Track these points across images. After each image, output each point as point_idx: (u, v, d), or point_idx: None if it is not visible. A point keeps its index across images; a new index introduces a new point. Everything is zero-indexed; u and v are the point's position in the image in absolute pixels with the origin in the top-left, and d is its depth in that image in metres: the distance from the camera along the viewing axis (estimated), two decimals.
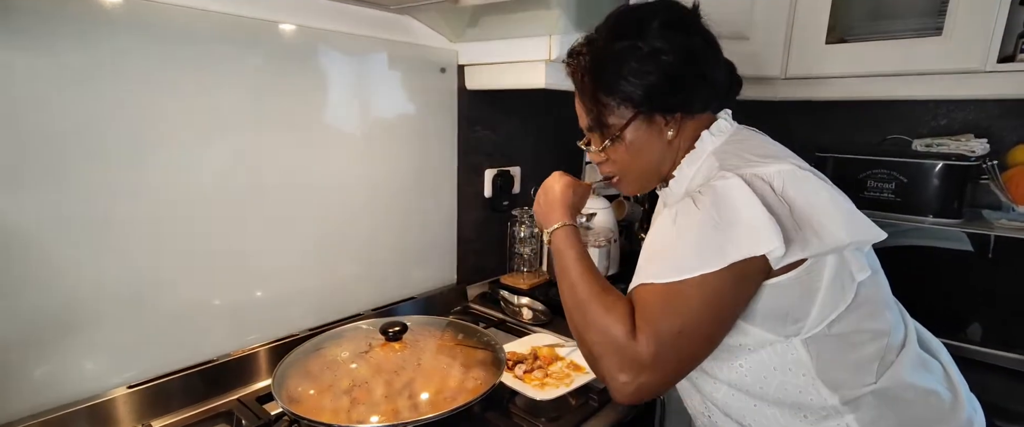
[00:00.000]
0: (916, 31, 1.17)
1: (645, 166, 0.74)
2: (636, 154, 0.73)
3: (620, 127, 0.71)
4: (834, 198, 0.62)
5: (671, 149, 0.73)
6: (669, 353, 0.61)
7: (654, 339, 0.61)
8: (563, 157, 1.60)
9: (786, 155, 0.67)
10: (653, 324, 0.62)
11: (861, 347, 0.65)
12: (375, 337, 0.83)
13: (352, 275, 1.10)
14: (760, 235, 0.58)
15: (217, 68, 0.84)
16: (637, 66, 0.68)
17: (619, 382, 0.62)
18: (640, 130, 0.71)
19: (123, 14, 0.74)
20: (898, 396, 0.65)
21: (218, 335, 0.91)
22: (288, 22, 0.92)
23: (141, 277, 0.81)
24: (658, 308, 0.62)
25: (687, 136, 0.72)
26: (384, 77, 1.08)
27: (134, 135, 0.77)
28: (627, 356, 0.62)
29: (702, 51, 0.70)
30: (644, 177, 0.76)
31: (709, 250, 0.59)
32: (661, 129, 0.71)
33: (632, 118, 0.71)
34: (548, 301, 1.25)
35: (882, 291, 0.69)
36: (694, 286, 0.60)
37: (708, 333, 0.63)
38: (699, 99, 0.71)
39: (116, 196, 0.77)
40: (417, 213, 1.21)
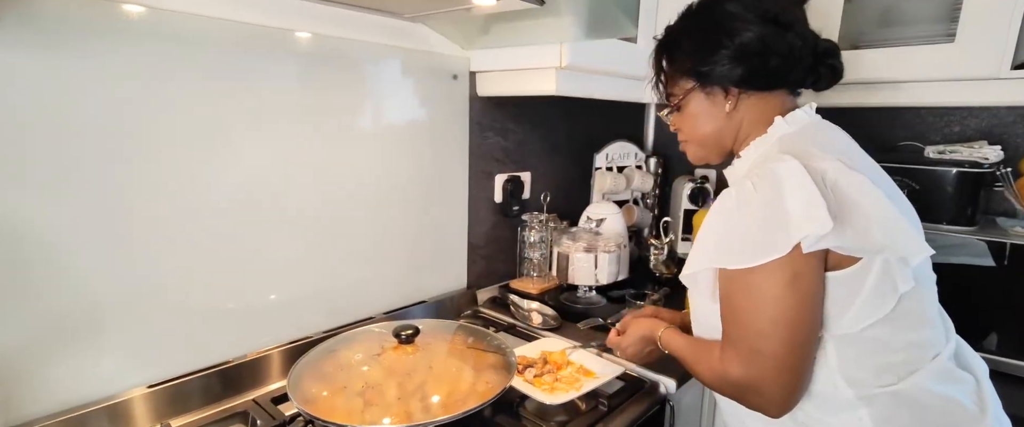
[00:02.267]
0: (928, 38, 1.17)
1: (704, 137, 0.77)
2: (696, 124, 0.77)
3: (680, 97, 0.76)
4: (882, 203, 0.62)
5: (731, 123, 0.74)
6: (761, 361, 0.62)
7: (740, 355, 0.64)
8: (574, 163, 1.61)
9: (854, 157, 0.67)
10: (733, 344, 0.65)
11: (889, 354, 0.65)
12: (387, 340, 0.84)
13: (364, 278, 1.12)
14: (819, 214, 0.58)
15: (233, 75, 0.86)
16: (696, 40, 0.73)
17: (755, 407, 0.66)
18: (699, 101, 0.75)
19: (143, 22, 0.76)
20: (916, 399, 0.65)
21: (234, 337, 0.93)
22: (303, 30, 0.94)
23: (158, 279, 0.83)
24: (730, 318, 0.65)
25: (752, 114, 0.73)
26: (397, 84, 1.10)
27: (151, 140, 0.79)
28: (730, 386, 0.66)
29: (765, 30, 0.69)
30: (705, 148, 0.79)
31: (775, 233, 0.60)
32: (720, 102, 0.73)
33: (691, 89, 0.75)
34: (557, 306, 1.25)
35: (925, 307, 0.68)
36: (765, 277, 0.61)
37: (793, 318, 0.61)
38: (757, 77, 0.71)
39: (132, 199, 0.79)
40: (429, 218, 1.22)
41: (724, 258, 0.65)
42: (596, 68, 1.14)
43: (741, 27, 0.70)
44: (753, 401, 0.66)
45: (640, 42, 1.24)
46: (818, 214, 0.58)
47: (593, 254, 1.26)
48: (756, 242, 0.61)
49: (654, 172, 1.78)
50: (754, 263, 0.61)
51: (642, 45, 1.25)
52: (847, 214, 0.60)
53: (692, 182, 1.61)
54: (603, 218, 1.36)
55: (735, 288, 0.65)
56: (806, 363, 0.65)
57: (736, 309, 0.65)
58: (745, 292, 0.63)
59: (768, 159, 0.66)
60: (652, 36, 1.02)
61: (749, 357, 0.64)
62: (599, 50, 1.12)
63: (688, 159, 0.84)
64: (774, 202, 0.61)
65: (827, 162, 0.63)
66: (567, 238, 1.30)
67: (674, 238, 1.62)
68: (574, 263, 1.27)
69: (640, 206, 1.78)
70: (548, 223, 1.38)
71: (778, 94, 0.73)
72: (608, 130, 1.71)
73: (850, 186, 0.61)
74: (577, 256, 1.27)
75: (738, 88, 0.72)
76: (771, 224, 0.61)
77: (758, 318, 0.62)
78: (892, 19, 1.27)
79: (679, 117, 0.79)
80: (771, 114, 0.72)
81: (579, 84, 1.15)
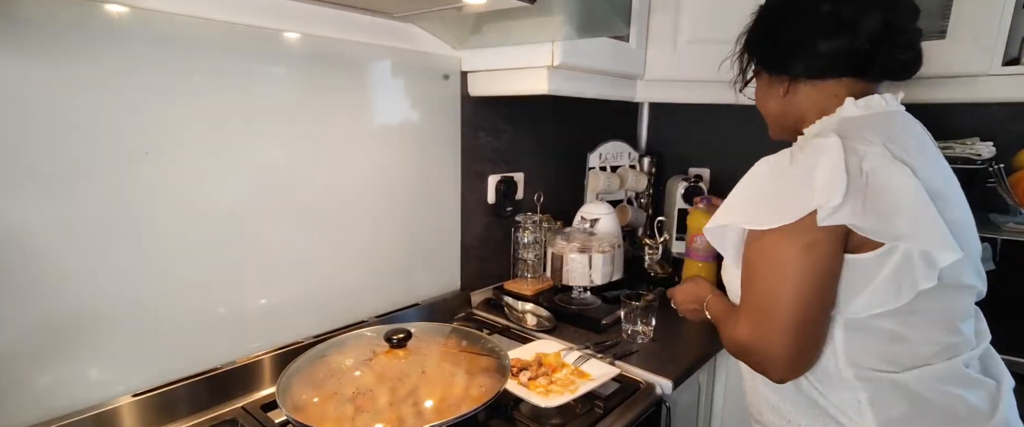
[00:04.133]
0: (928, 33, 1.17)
1: (771, 114, 0.82)
2: (762, 103, 0.82)
3: (751, 77, 0.83)
4: (916, 195, 0.61)
5: (790, 106, 0.77)
6: (767, 323, 0.64)
7: (748, 317, 0.67)
8: (567, 163, 1.60)
9: (910, 149, 0.65)
10: (745, 305, 0.68)
11: (896, 346, 0.65)
12: (379, 344, 0.82)
13: (356, 282, 1.10)
14: (836, 187, 0.60)
15: (221, 77, 0.85)
16: (759, 26, 0.79)
17: (759, 369, 0.69)
18: (763, 83, 0.81)
19: (129, 23, 0.75)
20: (917, 391, 0.65)
21: (222, 343, 0.91)
22: (292, 31, 0.92)
23: (146, 284, 0.81)
24: (746, 282, 0.68)
25: (809, 99, 0.75)
26: (387, 84, 1.09)
27: (137, 143, 0.78)
28: (739, 348, 0.69)
29: (817, 23, 0.71)
30: (774, 124, 0.84)
31: (795, 199, 0.62)
32: (777, 86, 0.77)
33: (757, 72, 0.82)
34: (552, 307, 1.25)
35: (949, 311, 0.66)
36: (780, 240, 0.63)
37: (802, 286, 0.62)
38: (809, 68, 0.73)
39: (119, 205, 0.77)
40: (421, 219, 1.21)
41: (747, 216, 0.67)
42: (588, 67, 1.14)
43: (794, 18, 0.73)
44: (757, 363, 0.68)
45: (632, 41, 1.23)
46: (835, 187, 0.59)
47: (587, 254, 1.25)
48: (778, 205, 0.63)
49: (648, 171, 1.77)
50: (772, 225, 0.63)
51: (634, 44, 1.24)
52: (874, 198, 0.60)
53: (686, 181, 1.61)
54: (597, 218, 1.36)
55: (754, 251, 0.67)
56: (813, 334, 0.65)
57: (752, 272, 0.67)
58: (761, 254, 0.66)
59: (816, 135, 0.68)
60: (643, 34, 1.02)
61: (757, 318, 0.66)
62: (591, 49, 1.11)
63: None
64: (805, 172, 0.62)
65: (872, 147, 0.63)
66: (561, 239, 1.29)
67: (668, 238, 1.61)
68: (568, 264, 1.26)
69: (634, 206, 1.77)
70: (542, 224, 1.37)
71: (842, 81, 0.73)
72: (601, 129, 1.70)
73: (886, 173, 0.61)
74: (571, 257, 1.26)
75: (789, 77, 0.75)
76: (796, 191, 0.62)
77: (769, 281, 0.64)
78: None
79: (756, 92, 0.84)
80: (833, 99, 0.73)
81: (572, 83, 1.14)
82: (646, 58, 1.29)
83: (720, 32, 1.27)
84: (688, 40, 1.28)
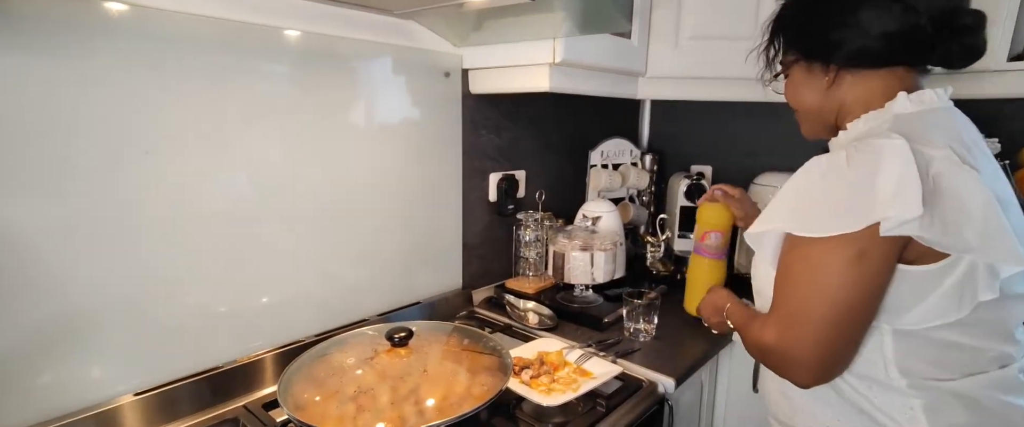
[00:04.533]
0: None
1: (806, 110, 0.76)
2: (796, 96, 0.76)
3: (786, 68, 0.76)
4: (987, 204, 0.56)
5: (832, 99, 0.72)
6: (798, 331, 0.61)
7: (778, 321, 0.63)
8: (568, 161, 1.60)
9: (974, 153, 0.61)
10: (776, 309, 0.64)
11: (951, 353, 0.62)
12: (380, 343, 0.82)
13: (357, 280, 1.10)
14: (910, 197, 0.54)
15: (222, 74, 0.84)
16: (802, 10, 0.73)
17: (784, 375, 0.65)
18: (801, 74, 0.74)
19: (124, 21, 0.74)
20: (975, 399, 0.62)
21: (224, 341, 0.91)
22: (292, 28, 0.92)
23: (146, 283, 0.81)
24: (780, 285, 0.64)
25: (855, 92, 0.69)
26: (388, 82, 1.08)
27: (136, 141, 0.77)
28: (763, 352, 0.66)
29: (874, 8, 0.64)
30: (808, 121, 0.78)
31: (854, 208, 0.57)
32: (819, 77, 0.71)
33: (794, 61, 0.74)
34: (554, 305, 1.24)
35: (1008, 320, 0.64)
36: (828, 249, 0.58)
37: (844, 298, 0.58)
38: (860, 56, 0.67)
39: (118, 204, 0.77)
40: (422, 218, 1.21)
41: (795, 222, 0.62)
42: (590, 64, 1.13)
43: (847, 2, 0.66)
44: (782, 368, 0.65)
45: (634, 37, 1.23)
46: (908, 197, 0.54)
47: (589, 253, 1.25)
48: (832, 212, 0.58)
49: (649, 169, 1.77)
50: (824, 233, 0.58)
51: (636, 40, 1.23)
52: (942, 207, 0.56)
53: (688, 179, 1.60)
54: (599, 216, 1.35)
55: (795, 256, 0.63)
56: (848, 345, 0.63)
57: (789, 276, 0.63)
58: (803, 260, 0.61)
59: (874, 134, 0.62)
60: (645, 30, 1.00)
61: (787, 324, 0.62)
62: (593, 46, 1.10)
63: (801, 133, 0.81)
64: (865, 177, 0.57)
65: (938, 150, 0.58)
66: (563, 237, 1.28)
67: (671, 235, 1.61)
68: (570, 262, 1.26)
69: (636, 203, 1.77)
70: (543, 222, 1.37)
71: (894, 71, 0.67)
72: (603, 127, 1.69)
73: (955, 179, 0.56)
74: (573, 255, 1.25)
75: (836, 65, 0.69)
76: (854, 198, 0.58)
77: (808, 289, 0.60)
78: None
79: (786, 86, 0.78)
80: (880, 93, 0.67)
81: (573, 80, 1.14)
82: (648, 55, 1.28)
83: (722, 28, 1.27)
84: (690, 36, 1.27)
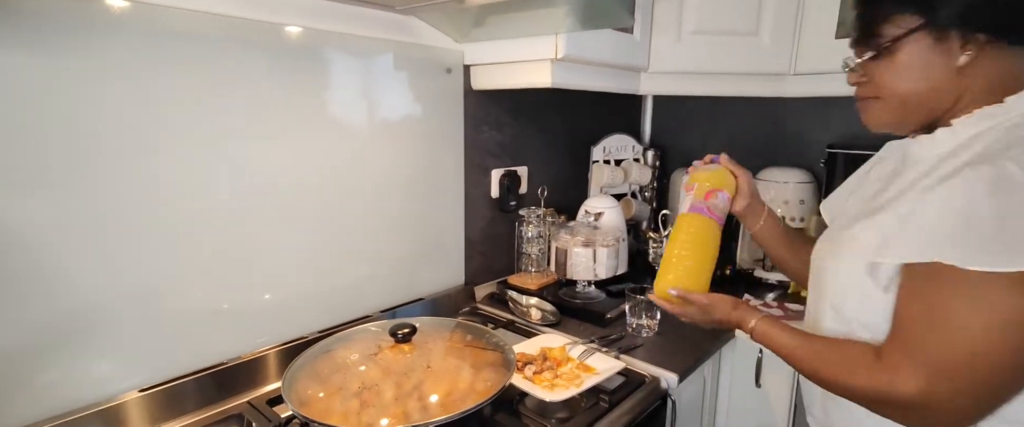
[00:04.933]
0: None
1: (910, 96, 0.59)
2: (904, 77, 0.58)
3: (893, 38, 0.57)
4: None
5: (958, 83, 0.57)
6: (951, 386, 0.50)
7: (923, 371, 0.51)
8: (570, 157, 1.60)
9: None
10: (914, 353, 0.52)
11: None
12: (384, 339, 0.82)
13: (360, 276, 1.10)
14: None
15: (224, 71, 0.84)
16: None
17: (899, 420, 0.56)
18: (920, 46, 0.57)
19: (127, 17, 0.74)
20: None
21: (228, 337, 0.92)
22: (294, 24, 0.92)
23: (151, 280, 0.81)
24: (926, 325, 0.51)
25: (991, 75, 0.56)
26: (390, 78, 1.08)
27: (140, 138, 0.77)
28: (890, 403, 0.54)
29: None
30: (905, 110, 0.60)
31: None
32: (951, 52, 0.56)
33: (914, 29, 0.56)
34: (556, 301, 1.24)
35: None
36: (1004, 286, 0.47)
37: (1019, 346, 0.48)
38: (1012, 18, 0.54)
39: (123, 199, 0.77)
40: (424, 214, 1.21)
41: (958, 252, 0.50)
42: (592, 59, 1.13)
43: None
44: (919, 422, 0.55)
45: (636, 32, 1.22)
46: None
47: (591, 248, 1.25)
48: (1013, 241, 0.47)
49: (652, 165, 1.76)
50: (1006, 268, 0.47)
51: (638, 35, 1.23)
52: None
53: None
54: (601, 212, 1.35)
55: (952, 293, 0.51)
56: (1009, 398, 0.53)
57: (941, 315, 0.51)
58: (967, 299, 0.50)
59: (1011, 137, 0.52)
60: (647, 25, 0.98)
61: (940, 375, 0.51)
62: (595, 41, 1.10)
63: (863, 121, 0.65)
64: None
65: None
66: (565, 233, 1.28)
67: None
68: (572, 258, 1.26)
69: (638, 199, 1.77)
70: (545, 218, 1.37)
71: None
72: (605, 123, 1.69)
73: None
74: (575, 250, 1.25)
75: (986, 35, 0.54)
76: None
77: (972, 334, 0.50)
78: None
79: (880, 66, 0.60)
80: (1014, 80, 0.56)
81: (575, 76, 1.13)
82: (650, 49, 1.27)
83: (725, 22, 1.26)
84: (693, 30, 1.27)
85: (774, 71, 1.29)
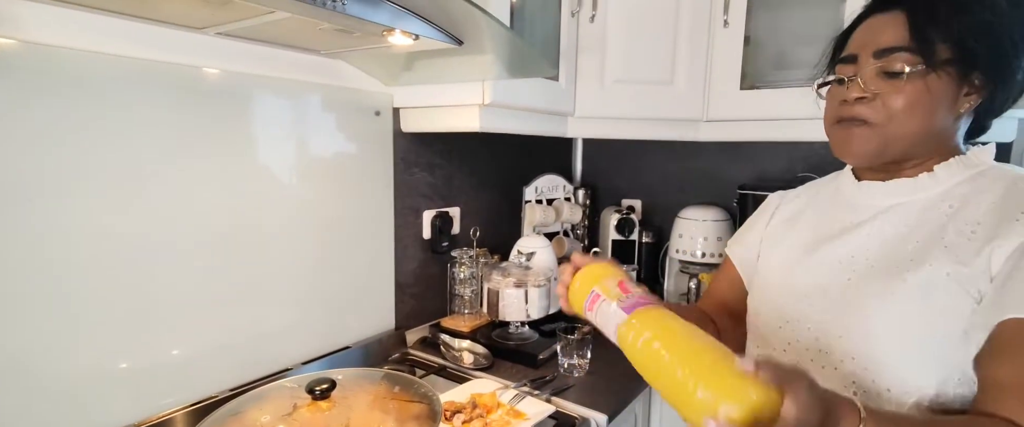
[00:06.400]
0: (814, 80, 1.29)
1: (908, 129, 0.59)
2: (913, 109, 0.58)
3: (915, 64, 0.57)
4: None
5: (947, 128, 0.60)
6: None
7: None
8: (503, 197, 1.62)
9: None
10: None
11: None
12: (300, 396, 0.77)
13: (281, 326, 1.04)
14: None
15: (132, 115, 0.79)
16: (988, 15, 0.56)
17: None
18: (939, 83, 0.58)
19: (19, 58, 0.69)
20: None
21: (126, 401, 0.83)
22: (211, 67, 0.88)
23: (24, 340, 0.73)
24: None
25: (965, 127, 0.62)
26: (317, 121, 1.06)
27: (32, 184, 0.71)
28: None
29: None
30: (896, 141, 0.60)
31: None
32: (958, 98, 0.59)
33: (941, 64, 0.57)
34: (490, 343, 1.23)
35: None
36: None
37: None
38: (1015, 91, 0.59)
39: (3, 250, 0.69)
40: (352, 258, 1.17)
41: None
42: (519, 105, 1.16)
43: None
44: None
45: (562, 80, 1.28)
46: None
47: (523, 289, 1.25)
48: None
49: (582, 204, 1.82)
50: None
51: (564, 82, 1.29)
52: None
53: (618, 212, 1.66)
54: (533, 252, 1.37)
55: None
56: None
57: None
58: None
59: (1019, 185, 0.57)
60: (572, 73, 1.01)
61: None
62: (522, 87, 1.14)
63: (842, 148, 0.65)
64: None
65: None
66: (497, 273, 1.29)
67: None
68: (504, 299, 1.26)
69: (570, 237, 1.81)
70: (478, 258, 1.37)
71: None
72: (537, 163, 1.74)
73: None
74: (507, 291, 1.25)
75: (990, 88, 0.59)
76: None
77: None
78: (784, 63, 1.40)
79: (891, 85, 0.59)
80: (958, 138, 0.62)
81: (503, 120, 1.16)
82: (576, 96, 1.33)
83: (643, 73, 1.35)
84: (615, 79, 1.34)
85: (689, 117, 1.39)
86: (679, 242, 1.56)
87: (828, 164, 0.80)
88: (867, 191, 0.69)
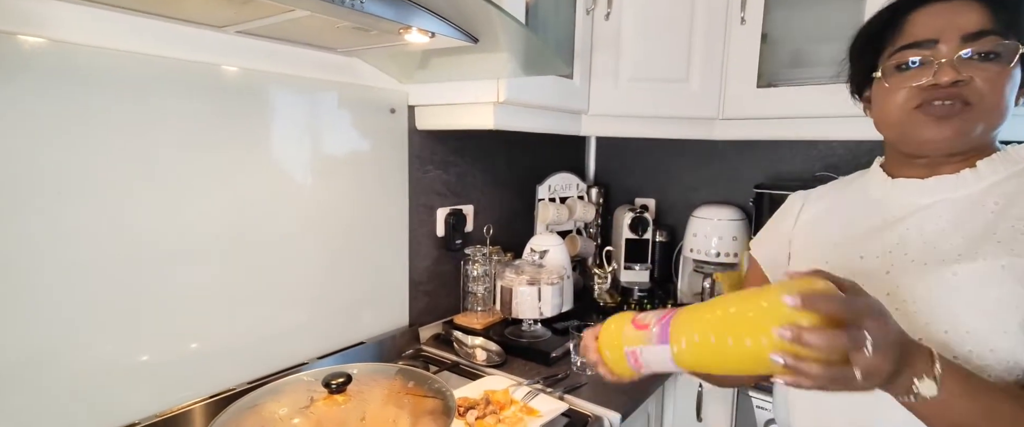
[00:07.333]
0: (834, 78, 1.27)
1: (997, 114, 0.59)
2: (1004, 92, 0.58)
3: (1016, 47, 0.57)
4: None
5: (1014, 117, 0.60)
6: None
7: None
8: (516, 195, 1.62)
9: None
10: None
11: None
12: (317, 389, 0.78)
13: (298, 322, 1.05)
14: None
15: (153, 112, 0.81)
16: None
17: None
18: (1018, 70, 0.59)
19: (46, 56, 0.71)
20: None
21: (147, 394, 0.85)
22: (230, 65, 0.90)
23: (52, 335, 0.74)
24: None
25: None
26: (332, 119, 1.07)
27: (55, 180, 0.73)
28: None
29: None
30: (983, 124, 0.59)
31: None
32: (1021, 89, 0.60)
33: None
34: (502, 341, 1.23)
35: None
36: None
37: None
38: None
39: (27, 246, 0.71)
40: (367, 255, 1.18)
41: None
42: (533, 103, 1.16)
43: None
44: None
45: (576, 78, 1.28)
46: None
47: (536, 287, 1.25)
48: None
49: (596, 202, 1.81)
50: None
51: (578, 80, 1.29)
52: None
53: (632, 211, 1.65)
54: (546, 250, 1.37)
55: None
56: None
57: None
58: None
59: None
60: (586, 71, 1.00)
61: None
62: (537, 85, 1.14)
63: (938, 132, 0.61)
64: None
65: None
66: (510, 271, 1.29)
67: (617, 266, 1.65)
68: (518, 296, 1.26)
69: (583, 236, 1.80)
70: (491, 256, 1.37)
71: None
72: (550, 162, 1.73)
73: None
74: (520, 289, 1.26)
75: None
76: None
77: None
78: (801, 61, 1.38)
79: (983, 69, 0.58)
80: None
81: (517, 118, 1.16)
82: (590, 94, 1.33)
83: (659, 71, 1.34)
84: (629, 78, 1.34)
85: (704, 116, 1.38)
86: (693, 241, 1.55)
87: (845, 163, 0.78)
88: (904, 189, 0.67)
